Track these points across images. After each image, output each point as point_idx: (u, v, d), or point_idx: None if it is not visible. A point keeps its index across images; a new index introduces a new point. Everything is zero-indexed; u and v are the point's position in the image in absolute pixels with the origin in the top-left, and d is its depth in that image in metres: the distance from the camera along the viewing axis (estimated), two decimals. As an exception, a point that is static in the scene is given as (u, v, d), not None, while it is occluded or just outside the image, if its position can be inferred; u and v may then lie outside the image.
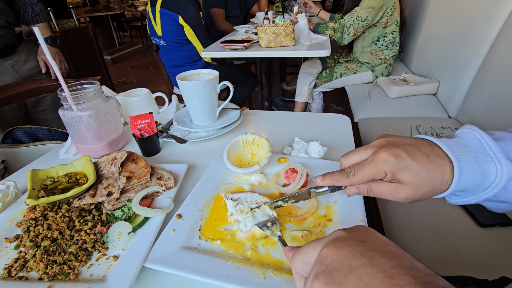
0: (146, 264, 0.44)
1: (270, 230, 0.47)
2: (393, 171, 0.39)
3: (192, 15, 1.94)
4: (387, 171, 0.39)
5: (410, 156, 0.38)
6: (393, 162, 0.38)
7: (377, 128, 1.49)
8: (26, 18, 1.56)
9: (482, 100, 1.30)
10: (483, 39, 1.32)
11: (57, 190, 0.61)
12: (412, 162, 0.38)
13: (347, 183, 0.43)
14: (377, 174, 0.40)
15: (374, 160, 0.40)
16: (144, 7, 7.13)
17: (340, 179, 0.44)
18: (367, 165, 0.41)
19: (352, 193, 0.45)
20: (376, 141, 0.43)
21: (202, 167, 0.72)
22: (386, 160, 0.39)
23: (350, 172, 0.42)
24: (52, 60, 0.69)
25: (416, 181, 0.38)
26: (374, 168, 0.40)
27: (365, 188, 0.43)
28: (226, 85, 0.85)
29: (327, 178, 0.45)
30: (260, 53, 1.76)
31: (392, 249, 0.28)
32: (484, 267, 0.70)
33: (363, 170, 0.41)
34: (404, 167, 0.38)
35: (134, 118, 0.76)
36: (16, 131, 1.07)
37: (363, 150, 0.43)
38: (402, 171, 0.38)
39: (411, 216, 0.88)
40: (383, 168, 0.39)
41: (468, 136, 0.40)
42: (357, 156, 0.43)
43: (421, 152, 0.39)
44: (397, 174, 0.39)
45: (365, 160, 0.42)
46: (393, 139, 0.42)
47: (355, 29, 1.85)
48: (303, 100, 2.25)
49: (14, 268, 0.46)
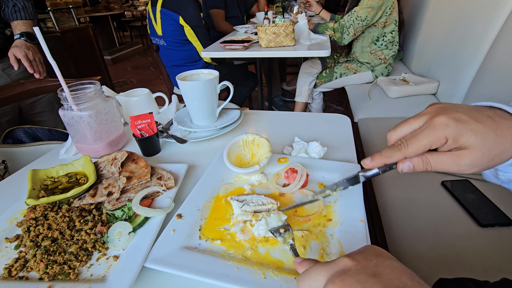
0: (146, 264, 0.44)
1: (282, 237, 0.46)
2: (455, 136, 0.34)
3: (192, 15, 1.94)
4: (449, 136, 0.34)
5: (473, 118, 0.34)
6: (454, 126, 0.34)
7: (377, 128, 1.49)
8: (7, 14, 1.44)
9: (482, 100, 1.29)
10: (483, 39, 1.32)
11: (57, 190, 0.61)
12: (477, 124, 0.33)
13: (400, 156, 0.37)
14: (435, 141, 0.35)
15: (431, 125, 0.35)
16: (144, 7, 7.13)
17: (391, 154, 0.38)
18: (422, 132, 0.36)
19: (406, 168, 0.38)
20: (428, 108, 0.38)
21: (202, 167, 0.72)
22: (446, 124, 0.34)
23: (401, 143, 0.37)
24: (52, 60, 0.69)
25: (484, 144, 0.33)
26: (433, 133, 0.35)
27: (421, 161, 0.37)
28: (226, 85, 0.85)
29: (376, 157, 0.40)
30: (260, 53, 1.76)
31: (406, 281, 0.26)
32: (484, 267, 0.70)
33: (418, 138, 0.36)
34: (468, 130, 0.33)
35: (134, 118, 0.76)
36: (16, 131, 1.07)
37: (413, 120, 0.38)
38: (466, 135, 0.33)
39: (411, 216, 0.88)
40: (443, 134, 0.34)
41: None
42: (408, 127, 0.38)
43: (484, 115, 0.34)
44: (461, 139, 0.34)
45: (419, 129, 0.36)
46: (446, 105, 0.37)
47: (354, 29, 1.85)
48: (303, 100, 2.25)
49: (15, 268, 0.46)
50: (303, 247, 0.47)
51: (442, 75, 1.68)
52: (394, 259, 0.31)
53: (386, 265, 0.29)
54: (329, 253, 0.45)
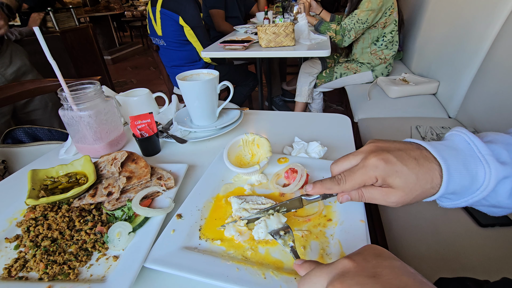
0: (146, 264, 0.44)
1: (282, 240, 0.46)
2: (383, 177, 0.39)
3: (192, 16, 1.94)
4: (378, 176, 0.39)
5: (399, 160, 0.38)
6: (383, 168, 0.38)
7: (377, 128, 1.49)
8: None
9: (482, 100, 1.30)
10: (483, 39, 1.32)
11: (57, 190, 0.61)
12: (402, 167, 0.38)
13: (338, 190, 0.43)
14: (367, 180, 0.40)
15: (364, 166, 0.40)
16: (144, 7, 7.13)
17: (331, 187, 0.43)
18: (357, 171, 0.41)
19: (344, 200, 0.45)
20: (365, 146, 0.43)
21: (202, 167, 0.72)
22: (376, 166, 0.39)
23: (340, 179, 0.42)
24: (52, 60, 0.69)
25: (406, 186, 0.38)
26: (365, 174, 0.40)
27: (357, 194, 0.43)
28: (226, 85, 0.85)
29: (317, 186, 0.45)
30: (260, 53, 1.76)
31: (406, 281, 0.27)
32: (484, 267, 0.70)
33: (354, 176, 0.41)
34: (394, 172, 0.38)
35: (134, 118, 0.76)
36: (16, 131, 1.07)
37: (352, 156, 0.43)
38: (392, 176, 0.38)
39: (411, 216, 0.88)
40: (373, 174, 0.39)
41: (457, 139, 0.41)
42: (347, 163, 0.43)
43: (410, 157, 0.39)
44: (387, 179, 0.39)
45: (355, 166, 0.42)
46: (382, 144, 0.42)
47: (356, 31, 1.86)
48: (303, 100, 2.25)
49: (14, 268, 0.46)
50: (303, 247, 0.47)
51: (442, 75, 1.68)
52: (395, 258, 0.31)
53: (386, 266, 0.29)
54: (329, 253, 0.45)
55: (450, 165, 0.37)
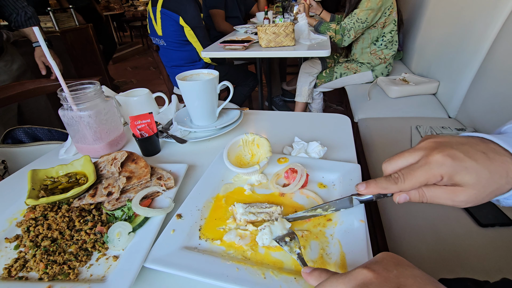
0: (146, 264, 0.44)
1: (288, 246, 0.44)
2: (451, 174, 0.35)
3: (192, 16, 1.94)
4: (444, 174, 0.35)
5: (467, 156, 0.35)
6: (450, 164, 0.35)
7: (377, 128, 1.49)
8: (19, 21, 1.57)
9: (482, 100, 1.30)
10: (483, 39, 1.32)
11: (57, 190, 0.61)
12: (472, 163, 0.34)
13: (396, 189, 0.39)
14: (431, 178, 0.36)
15: (428, 163, 0.36)
16: (144, 7, 7.13)
17: (388, 186, 0.39)
18: (419, 169, 0.37)
19: (402, 200, 0.40)
20: (422, 143, 0.39)
21: (202, 167, 0.72)
22: (442, 163, 0.35)
23: (398, 177, 0.38)
24: (53, 60, 0.69)
25: (479, 183, 0.34)
26: (429, 171, 0.36)
27: (417, 194, 0.38)
28: (226, 85, 0.85)
29: (371, 185, 0.41)
30: (260, 53, 1.76)
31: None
32: (484, 267, 0.70)
33: (415, 174, 0.37)
34: (463, 168, 0.34)
35: (134, 118, 0.76)
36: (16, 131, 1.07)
37: (408, 154, 0.39)
38: (461, 173, 0.34)
39: (411, 216, 0.88)
40: (439, 172, 0.35)
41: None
42: (404, 160, 0.39)
43: (478, 151, 0.35)
44: (456, 177, 0.35)
45: (416, 164, 0.37)
46: (441, 139, 0.38)
47: (355, 31, 1.86)
48: (303, 100, 2.25)
49: (14, 268, 0.46)
50: (303, 247, 0.47)
51: (442, 75, 1.68)
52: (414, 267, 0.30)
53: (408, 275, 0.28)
54: (329, 253, 0.45)
55: None
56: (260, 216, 0.52)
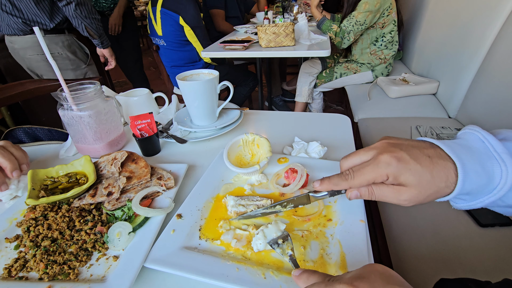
0: (146, 264, 0.44)
1: (281, 249, 0.44)
2: (395, 174, 0.38)
3: (192, 16, 1.94)
4: (389, 174, 0.38)
5: (413, 158, 0.37)
6: (395, 165, 0.37)
7: (377, 128, 1.49)
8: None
9: (482, 100, 1.30)
10: (483, 39, 1.32)
11: (57, 190, 0.61)
12: (416, 165, 0.37)
13: (346, 186, 0.42)
14: (378, 177, 0.39)
15: (376, 162, 0.39)
16: (144, 7, 7.12)
17: (338, 183, 0.42)
18: (367, 167, 0.40)
19: (353, 196, 0.43)
20: (377, 143, 0.42)
21: (202, 167, 0.72)
22: (388, 163, 0.38)
23: (348, 174, 0.41)
24: (53, 60, 0.69)
25: (420, 184, 0.37)
26: (376, 170, 0.39)
27: (367, 191, 0.41)
28: (226, 85, 0.85)
29: (325, 182, 0.44)
30: (260, 53, 1.76)
31: None
32: (484, 267, 0.70)
33: (363, 172, 0.40)
34: (407, 170, 0.37)
35: (134, 118, 0.76)
36: (16, 131, 1.07)
37: (364, 152, 0.42)
38: (405, 174, 0.37)
39: (411, 216, 0.88)
40: (385, 171, 0.38)
41: (471, 138, 0.39)
42: (358, 158, 0.42)
43: (424, 154, 0.38)
44: (400, 177, 0.38)
45: (366, 162, 0.40)
46: (394, 141, 0.41)
47: (355, 33, 1.87)
48: (303, 100, 2.25)
49: (14, 268, 0.46)
50: (303, 247, 0.47)
51: (442, 75, 1.68)
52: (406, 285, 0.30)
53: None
54: (329, 253, 0.45)
55: (465, 164, 0.36)
56: (250, 207, 0.53)
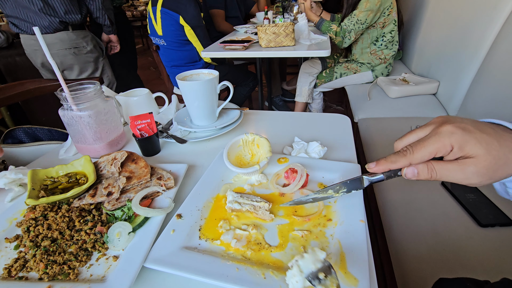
0: (146, 264, 0.44)
1: (323, 286, 0.35)
2: (461, 144, 0.34)
3: (192, 15, 1.94)
4: (454, 143, 0.34)
5: (477, 128, 0.35)
6: (460, 134, 0.34)
7: (377, 128, 1.49)
8: None
9: (482, 100, 1.30)
10: (483, 39, 1.32)
11: (57, 190, 0.61)
12: (481, 134, 0.34)
13: (405, 162, 0.37)
14: (441, 148, 0.35)
15: (438, 133, 0.36)
16: (144, 7, 7.13)
17: (397, 160, 0.38)
18: (428, 139, 0.36)
19: (410, 174, 0.38)
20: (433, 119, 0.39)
21: (202, 167, 0.72)
22: (452, 132, 0.35)
23: (407, 150, 0.37)
24: (52, 60, 0.69)
25: (489, 153, 0.33)
26: (439, 140, 0.35)
27: (426, 168, 0.37)
28: (226, 85, 0.85)
29: (381, 162, 0.40)
30: (260, 53, 1.76)
31: None
32: (484, 267, 0.70)
33: (424, 144, 0.36)
34: (473, 138, 0.34)
35: (134, 118, 0.76)
36: (16, 131, 1.07)
37: (420, 130, 0.39)
38: (471, 143, 0.34)
39: (411, 216, 0.88)
40: (449, 141, 0.34)
41: None
42: (414, 135, 0.39)
43: (487, 127, 0.35)
44: (466, 146, 0.34)
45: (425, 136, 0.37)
46: (452, 116, 0.38)
47: (355, 32, 1.86)
48: (303, 100, 2.25)
49: (14, 268, 0.46)
50: (303, 247, 0.47)
51: (442, 75, 1.67)
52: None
53: None
54: (329, 253, 0.45)
55: None
56: (245, 207, 0.53)
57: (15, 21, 1.71)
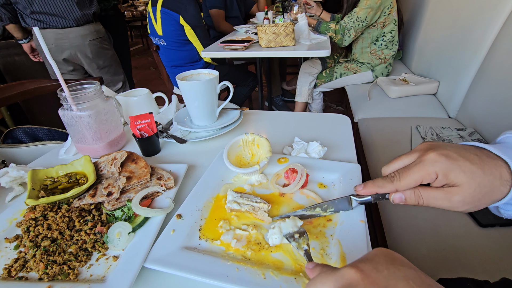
0: (146, 264, 0.44)
1: (297, 243, 0.43)
2: (445, 172, 0.35)
3: (193, 15, 1.94)
4: (438, 171, 0.35)
5: (461, 156, 0.35)
6: (444, 162, 0.35)
7: (377, 128, 1.49)
8: None
9: (482, 100, 1.30)
10: (482, 39, 1.32)
11: (57, 190, 0.61)
12: (465, 162, 0.35)
13: (392, 188, 0.39)
14: (426, 176, 0.36)
15: (422, 161, 0.37)
16: (144, 7, 7.13)
17: (384, 185, 0.40)
18: (414, 166, 0.37)
19: (397, 200, 0.40)
20: (419, 146, 0.40)
21: (202, 167, 0.72)
22: (436, 160, 0.36)
23: (394, 176, 0.39)
24: (52, 60, 0.69)
25: (474, 181, 0.34)
26: (423, 169, 0.36)
27: (413, 194, 0.38)
28: (226, 85, 0.85)
29: (369, 185, 0.42)
30: (260, 53, 1.76)
31: None
32: (484, 267, 0.70)
33: (410, 172, 0.37)
34: (457, 166, 0.35)
35: (134, 118, 0.76)
36: (16, 131, 1.07)
37: (405, 156, 0.40)
38: (455, 171, 0.35)
39: (411, 216, 0.88)
40: (433, 169, 0.36)
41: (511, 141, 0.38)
42: (400, 162, 0.40)
43: (471, 153, 0.36)
44: (450, 175, 0.35)
45: (411, 163, 0.38)
46: (436, 142, 0.39)
47: (355, 30, 1.86)
48: (303, 100, 2.25)
49: (14, 268, 0.46)
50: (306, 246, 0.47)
51: (442, 75, 1.68)
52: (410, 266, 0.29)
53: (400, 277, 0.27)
54: (329, 253, 0.45)
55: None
56: (244, 207, 0.53)
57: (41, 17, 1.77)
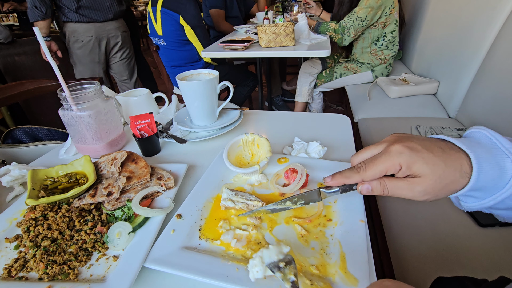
0: (146, 264, 0.44)
1: (282, 273, 0.37)
2: (408, 163, 0.37)
3: (192, 15, 1.94)
4: (402, 163, 0.37)
5: (425, 148, 0.37)
6: (408, 154, 0.37)
7: (377, 128, 1.49)
8: None
9: (482, 100, 1.30)
10: (482, 39, 1.32)
11: (57, 190, 0.61)
12: (428, 153, 0.37)
13: (358, 179, 0.41)
14: (390, 167, 0.38)
15: (387, 152, 0.39)
16: (144, 7, 7.13)
17: (350, 175, 0.42)
18: (379, 157, 0.39)
19: (365, 190, 0.42)
20: (387, 137, 0.42)
21: (202, 167, 0.72)
22: (400, 152, 0.37)
23: (360, 167, 0.41)
24: (52, 60, 0.69)
25: (435, 172, 0.36)
26: (388, 160, 0.38)
27: (379, 184, 0.40)
28: (226, 85, 0.85)
29: (336, 176, 0.44)
30: (260, 53, 1.76)
31: None
32: (484, 267, 0.70)
33: (375, 163, 0.39)
34: (420, 158, 0.37)
35: (134, 118, 0.76)
36: (16, 131, 1.07)
37: (374, 147, 0.42)
38: (418, 163, 0.37)
39: (411, 216, 0.88)
40: (397, 160, 0.38)
41: (478, 136, 0.40)
42: (368, 152, 0.42)
43: (435, 146, 0.38)
44: (413, 166, 0.37)
45: (377, 154, 0.40)
46: (404, 134, 0.41)
47: (355, 29, 1.85)
48: (303, 100, 2.25)
49: (14, 268, 0.46)
50: (304, 245, 0.47)
51: (442, 75, 1.68)
52: None
53: None
54: (329, 253, 0.45)
55: (479, 155, 0.36)
56: (238, 205, 0.53)
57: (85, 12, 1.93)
